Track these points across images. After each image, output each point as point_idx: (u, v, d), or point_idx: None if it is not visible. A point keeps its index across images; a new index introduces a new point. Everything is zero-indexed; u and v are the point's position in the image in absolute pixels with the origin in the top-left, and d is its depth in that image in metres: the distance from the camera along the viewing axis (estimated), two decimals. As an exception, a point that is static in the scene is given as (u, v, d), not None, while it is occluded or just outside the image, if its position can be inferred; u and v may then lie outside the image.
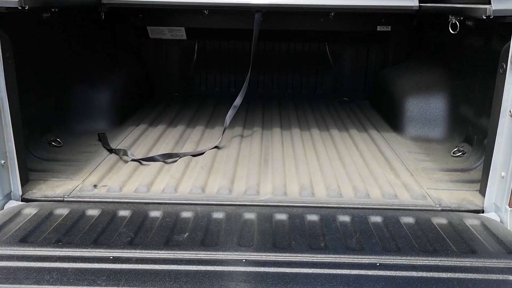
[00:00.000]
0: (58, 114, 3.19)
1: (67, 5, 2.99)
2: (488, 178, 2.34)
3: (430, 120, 3.38)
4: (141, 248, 1.90)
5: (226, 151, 3.10)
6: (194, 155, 3.00)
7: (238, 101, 3.41)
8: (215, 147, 3.13)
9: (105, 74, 3.70)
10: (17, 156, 2.35)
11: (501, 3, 2.29)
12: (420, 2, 3.13)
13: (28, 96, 2.70)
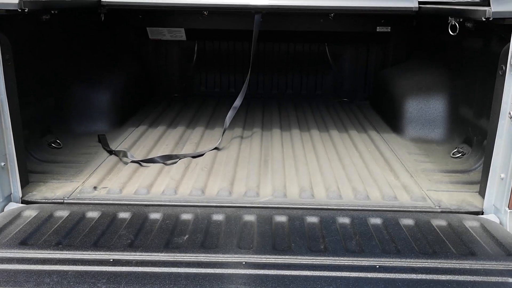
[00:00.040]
0: (58, 114, 3.19)
1: (67, 7, 2.99)
2: (488, 180, 2.34)
3: (430, 121, 3.38)
4: (141, 250, 1.90)
5: (226, 152, 3.10)
6: (194, 157, 3.00)
7: (238, 102, 3.41)
8: (215, 148, 3.13)
9: (105, 74, 3.70)
10: (17, 158, 2.35)
11: (501, 5, 2.29)
12: (420, 3, 3.14)
13: (28, 97, 2.70)
